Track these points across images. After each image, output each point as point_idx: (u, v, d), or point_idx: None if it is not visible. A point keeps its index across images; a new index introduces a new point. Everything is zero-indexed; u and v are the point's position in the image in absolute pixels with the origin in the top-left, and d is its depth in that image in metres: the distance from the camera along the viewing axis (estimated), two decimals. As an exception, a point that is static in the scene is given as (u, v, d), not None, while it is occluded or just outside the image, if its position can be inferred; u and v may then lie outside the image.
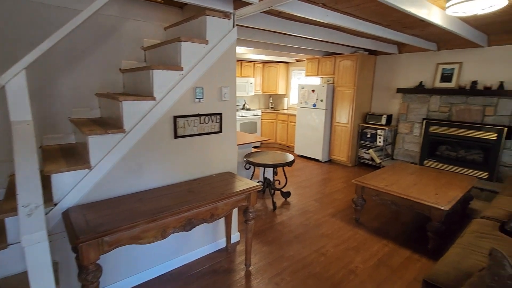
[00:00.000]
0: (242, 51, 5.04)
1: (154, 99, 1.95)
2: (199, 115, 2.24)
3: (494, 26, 3.39)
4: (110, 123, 2.03)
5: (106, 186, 1.83)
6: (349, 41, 4.01)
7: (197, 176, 2.31)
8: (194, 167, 2.29)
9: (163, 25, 2.61)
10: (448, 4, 2.35)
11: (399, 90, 4.79)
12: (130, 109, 1.86)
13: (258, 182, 3.35)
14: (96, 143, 1.75)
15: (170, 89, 2.02)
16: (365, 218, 3.27)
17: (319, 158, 5.61)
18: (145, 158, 1.99)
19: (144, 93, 2.06)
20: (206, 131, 2.31)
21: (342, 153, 5.46)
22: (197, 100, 2.20)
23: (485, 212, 2.38)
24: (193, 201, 1.82)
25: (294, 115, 6.19)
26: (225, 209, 1.98)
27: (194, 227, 1.82)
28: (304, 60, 6.58)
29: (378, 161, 5.06)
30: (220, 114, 2.37)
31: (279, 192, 3.90)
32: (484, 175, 4.02)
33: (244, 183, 2.17)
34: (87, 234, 1.38)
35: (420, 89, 4.56)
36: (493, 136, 3.89)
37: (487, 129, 3.94)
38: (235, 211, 2.63)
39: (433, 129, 4.48)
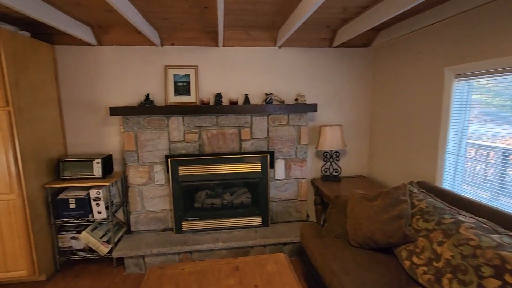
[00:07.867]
0: None
1: None
2: None
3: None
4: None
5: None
6: None
7: None
8: None
9: None
10: None
11: (114, 110, 2.58)
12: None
13: None
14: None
15: None
16: None
17: None
18: None
19: None
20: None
21: (12, 260, 2.30)
22: None
23: None
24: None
25: None
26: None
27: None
28: None
29: (104, 250, 2.56)
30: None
31: None
32: (258, 220, 2.93)
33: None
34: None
35: (149, 108, 2.64)
36: (257, 167, 2.86)
37: (250, 159, 2.84)
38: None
39: (183, 170, 2.77)
